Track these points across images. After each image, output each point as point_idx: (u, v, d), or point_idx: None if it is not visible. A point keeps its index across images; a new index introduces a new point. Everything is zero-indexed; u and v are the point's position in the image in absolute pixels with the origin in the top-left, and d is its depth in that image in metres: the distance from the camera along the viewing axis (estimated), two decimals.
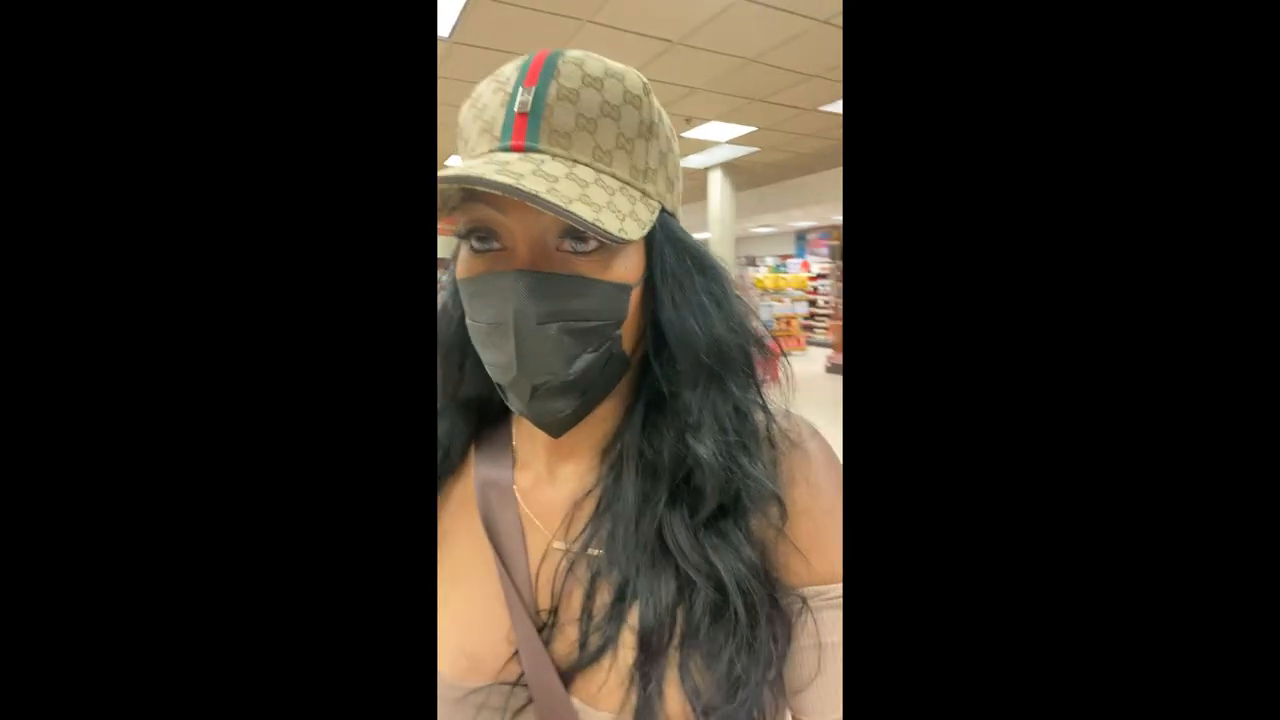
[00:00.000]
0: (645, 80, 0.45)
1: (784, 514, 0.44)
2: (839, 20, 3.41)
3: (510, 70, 0.42)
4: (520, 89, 0.41)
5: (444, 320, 0.50)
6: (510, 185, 0.35)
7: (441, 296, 0.51)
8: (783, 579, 0.44)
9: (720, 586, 0.41)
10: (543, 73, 0.41)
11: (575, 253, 0.42)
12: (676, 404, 0.46)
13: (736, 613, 0.41)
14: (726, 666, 0.40)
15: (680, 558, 0.42)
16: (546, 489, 0.51)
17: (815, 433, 0.49)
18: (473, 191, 0.40)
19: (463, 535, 0.50)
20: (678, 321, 0.45)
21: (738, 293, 0.49)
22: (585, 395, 0.44)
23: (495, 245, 0.42)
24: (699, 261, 0.47)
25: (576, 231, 0.41)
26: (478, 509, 0.50)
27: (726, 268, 0.49)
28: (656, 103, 0.45)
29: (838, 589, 0.44)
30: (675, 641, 0.41)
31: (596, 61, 0.43)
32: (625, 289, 0.43)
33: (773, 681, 0.43)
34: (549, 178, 0.38)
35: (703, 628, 0.41)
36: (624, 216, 0.40)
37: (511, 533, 0.49)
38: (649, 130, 0.44)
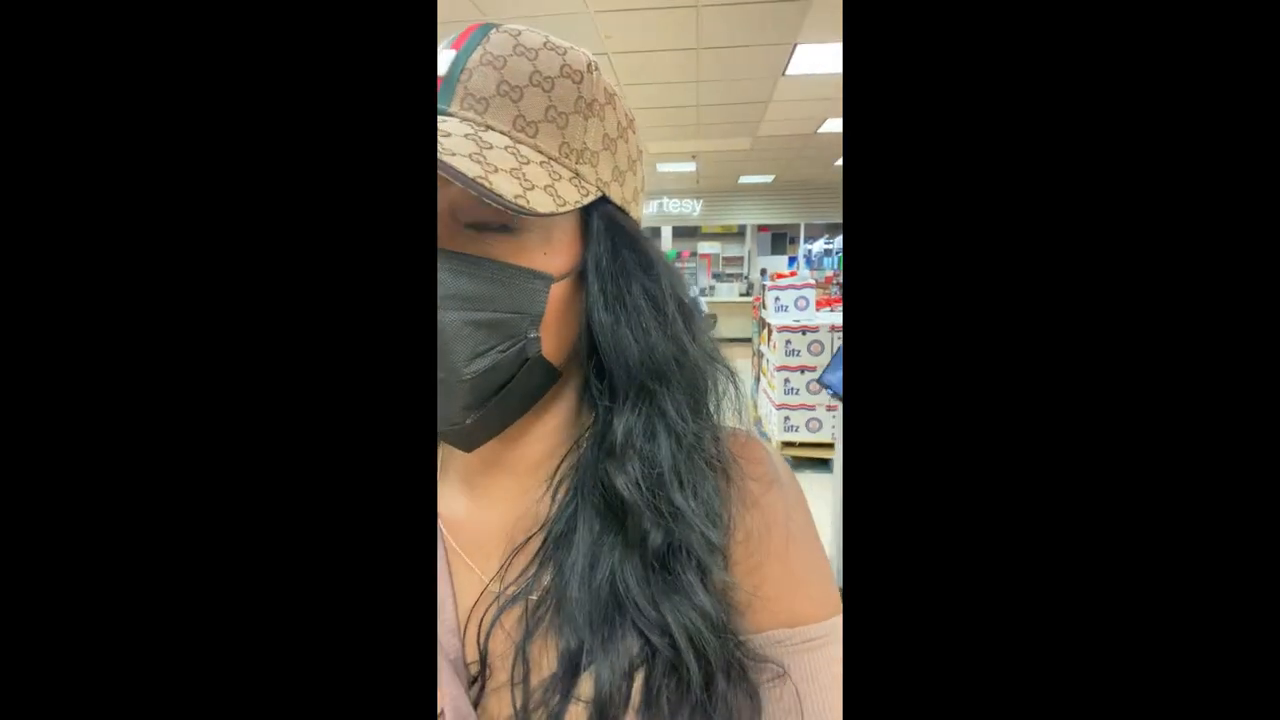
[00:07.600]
0: (593, 59, 0.40)
1: (726, 563, 0.39)
2: None
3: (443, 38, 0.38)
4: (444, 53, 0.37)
5: None
6: None
7: None
8: (745, 624, 0.39)
9: (674, 643, 0.36)
10: (471, 37, 0.37)
11: (482, 230, 0.36)
12: (607, 426, 0.39)
13: (689, 670, 0.35)
14: None
15: (634, 612, 0.37)
16: (480, 520, 0.44)
17: (776, 458, 0.44)
18: None
19: None
20: (610, 325, 0.38)
21: (688, 298, 0.43)
22: (494, 404, 0.38)
23: None
24: (643, 259, 0.40)
25: (481, 208, 0.35)
26: None
27: (679, 269, 0.43)
28: (608, 86, 0.40)
29: (810, 630, 0.38)
30: (631, 714, 0.36)
31: (538, 35, 0.38)
32: (541, 278, 0.37)
33: None
34: (441, 134, 0.33)
35: (664, 693, 0.36)
36: (531, 187, 0.34)
37: (437, 573, 0.42)
38: (588, 108, 0.38)
